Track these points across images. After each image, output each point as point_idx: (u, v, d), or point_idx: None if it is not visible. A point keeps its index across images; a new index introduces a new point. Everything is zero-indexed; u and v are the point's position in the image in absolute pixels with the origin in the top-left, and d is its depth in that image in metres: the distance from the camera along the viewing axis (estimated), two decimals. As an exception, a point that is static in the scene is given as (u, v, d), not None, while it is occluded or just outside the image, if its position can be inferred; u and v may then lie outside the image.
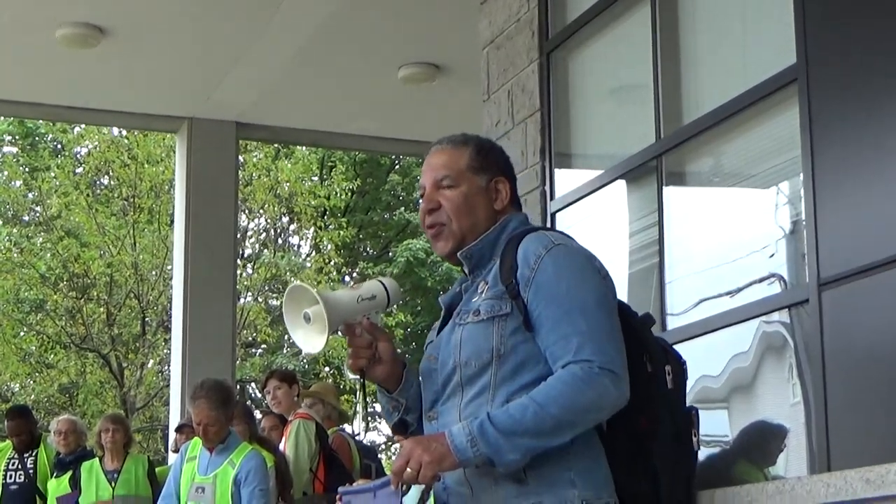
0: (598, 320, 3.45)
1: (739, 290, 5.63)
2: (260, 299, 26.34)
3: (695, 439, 3.77)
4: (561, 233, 3.74)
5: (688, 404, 3.86)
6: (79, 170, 26.67)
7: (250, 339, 26.44)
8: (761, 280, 5.57)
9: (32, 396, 24.94)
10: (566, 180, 7.00)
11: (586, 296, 3.48)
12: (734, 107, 5.65)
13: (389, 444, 30.22)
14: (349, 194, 28.31)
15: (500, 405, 3.45)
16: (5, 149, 29.85)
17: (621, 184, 6.61)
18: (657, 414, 3.63)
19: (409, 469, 3.41)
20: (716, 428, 5.54)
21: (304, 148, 25.94)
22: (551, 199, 6.92)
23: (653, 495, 3.59)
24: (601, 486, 3.47)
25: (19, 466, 11.39)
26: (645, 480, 3.59)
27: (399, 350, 3.82)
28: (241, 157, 19.84)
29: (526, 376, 3.49)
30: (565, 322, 3.44)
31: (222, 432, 7.87)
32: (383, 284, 3.76)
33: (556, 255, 3.53)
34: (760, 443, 5.50)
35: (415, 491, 3.62)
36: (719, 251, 5.92)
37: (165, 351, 24.02)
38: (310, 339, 3.66)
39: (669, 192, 6.15)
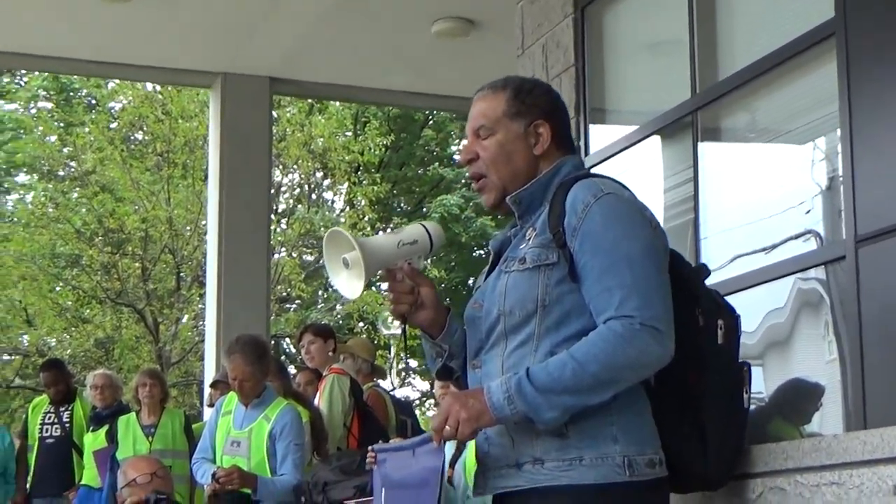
0: (644, 273, 3.34)
1: (775, 246, 5.61)
2: (294, 254, 26.38)
3: (746, 396, 3.64)
4: (613, 180, 3.58)
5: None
6: (113, 125, 26.71)
7: (284, 294, 26.50)
8: (797, 236, 5.54)
9: (69, 351, 25.05)
10: (601, 136, 6.98)
11: (633, 247, 3.36)
12: (771, 62, 5.62)
13: (424, 399, 30.31)
14: (383, 149, 28.28)
15: (543, 356, 3.39)
16: (40, 104, 29.94)
17: (656, 139, 6.59)
18: (707, 370, 3.53)
19: (447, 427, 3.40)
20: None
21: (337, 103, 25.91)
22: (586, 154, 6.90)
23: (700, 453, 3.51)
24: (645, 442, 3.40)
25: (55, 420, 11.47)
26: (693, 438, 3.51)
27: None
28: (274, 113, 19.81)
29: (571, 327, 3.40)
30: (610, 274, 3.34)
31: (258, 387, 7.89)
32: (426, 228, 3.69)
33: (605, 204, 3.42)
34: (796, 401, 5.48)
35: (450, 445, 3.61)
36: (755, 207, 5.89)
37: (200, 306, 24.08)
38: (349, 284, 3.60)
39: (705, 147, 6.12)
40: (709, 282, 3.71)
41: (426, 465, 3.73)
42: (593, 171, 6.68)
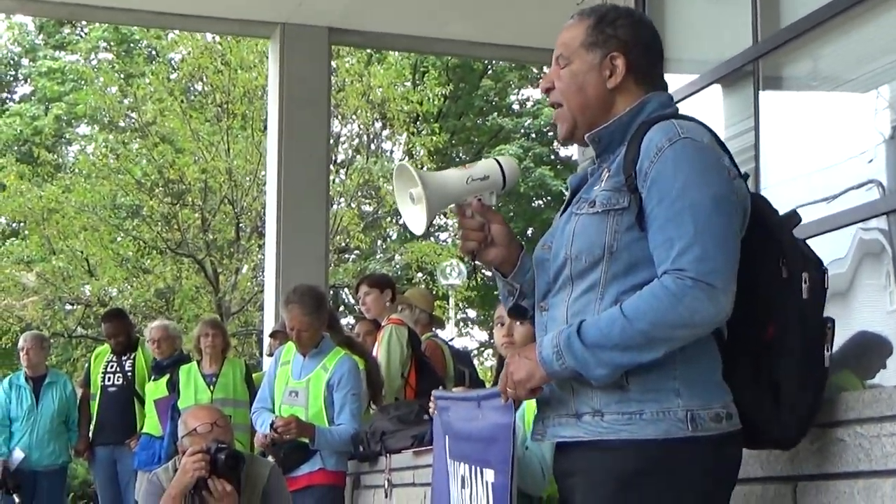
0: (709, 224, 3.19)
1: (836, 196, 5.56)
2: (353, 205, 26.41)
3: (826, 354, 3.43)
4: (696, 122, 3.40)
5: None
6: (173, 76, 26.81)
7: (343, 244, 26.56)
8: (859, 186, 5.50)
9: (129, 301, 25.19)
10: (661, 85, 6.91)
11: (702, 195, 3.20)
12: (834, 9, 5.55)
13: (483, 349, 30.36)
14: (442, 99, 28.23)
15: (609, 304, 3.28)
16: (101, 55, 30.09)
17: (717, 88, 6.54)
18: (787, 325, 3.36)
19: (508, 388, 3.39)
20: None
21: (396, 53, 25.87)
22: (646, 103, 6.85)
23: (773, 411, 3.37)
24: (711, 397, 3.28)
25: (118, 369, 11.56)
26: (766, 395, 3.37)
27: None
28: (333, 63, 19.80)
29: (639, 276, 3.27)
30: (673, 223, 3.20)
31: (315, 337, 7.92)
32: (499, 163, 3.60)
33: (679, 148, 3.26)
34: (860, 354, 5.43)
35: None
36: (816, 157, 5.84)
37: (260, 256, 24.18)
38: (415, 219, 3.56)
39: (766, 96, 6.07)
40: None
41: (496, 421, 3.67)
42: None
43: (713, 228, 3.20)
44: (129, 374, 11.52)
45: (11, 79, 33.16)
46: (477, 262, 3.65)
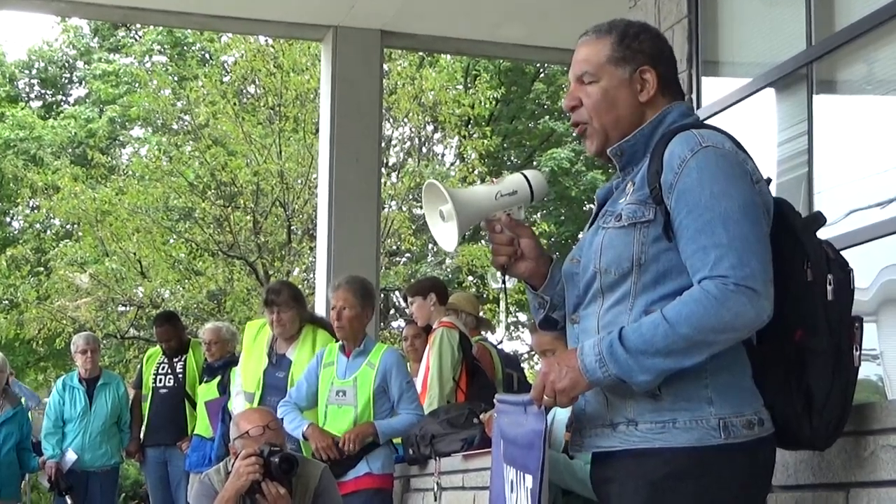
0: (740, 231, 3.23)
1: (890, 200, 5.52)
2: (404, 208, 26.42)
3: (856, 354, 3.47)
4: (716, 130, 3.44)
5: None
6: (226, 79, 26.92)
7: (394, 247, 26.59)
8: (914, 191, 5.46)
9: (181, 303, 25.31)
10: (714, 88, 6.90)
11: (730, 204, 3.25)
12: (890, 11, 5.51)
13: (532, 353, 30.32)
14: (493, 103, 28.20)
15: (639, 315, 3.33)
16: (155, 58, 30.27)
17: (770, 92, 6.50)
18: (814, 328, 3.40)
19: (546, 397, 3.40)
20: (865, 342, 5.45)
21: (448, 56, 25.87)
22: (698, 107, 6.83)
23: (805, 414, 3.40)
24: (742, 403, 3.32)
25: (169, 371, 11.63)
26: (798, 398, 3.40)
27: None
28: (385, 66, 19.82)
29: (668, 286, 3.33)
30: (705, 233, 3.25)
31: (360, 323, 7.85)
32: (526, 178, 3.66)
33: (702, 158, 3.31)
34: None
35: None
36: (870, 161, 5.80)
37: (311, 259, 24.20)
38: (446, 236, 3.62)
39: (820, 100, 6.03)
40: (822, 236, 3.57)
41: (533, 427, 3.70)
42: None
43: (744, 235, 3.25)
44: (181, 375, 11.59)
45: (66, 81, 33.46)
46: (508, 276, 3.73)
